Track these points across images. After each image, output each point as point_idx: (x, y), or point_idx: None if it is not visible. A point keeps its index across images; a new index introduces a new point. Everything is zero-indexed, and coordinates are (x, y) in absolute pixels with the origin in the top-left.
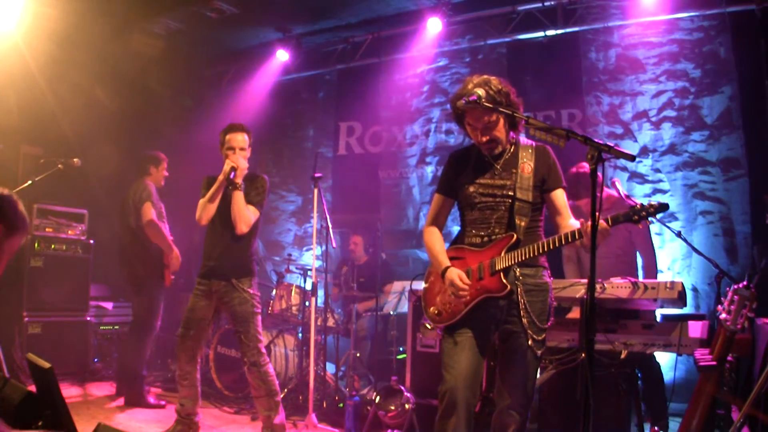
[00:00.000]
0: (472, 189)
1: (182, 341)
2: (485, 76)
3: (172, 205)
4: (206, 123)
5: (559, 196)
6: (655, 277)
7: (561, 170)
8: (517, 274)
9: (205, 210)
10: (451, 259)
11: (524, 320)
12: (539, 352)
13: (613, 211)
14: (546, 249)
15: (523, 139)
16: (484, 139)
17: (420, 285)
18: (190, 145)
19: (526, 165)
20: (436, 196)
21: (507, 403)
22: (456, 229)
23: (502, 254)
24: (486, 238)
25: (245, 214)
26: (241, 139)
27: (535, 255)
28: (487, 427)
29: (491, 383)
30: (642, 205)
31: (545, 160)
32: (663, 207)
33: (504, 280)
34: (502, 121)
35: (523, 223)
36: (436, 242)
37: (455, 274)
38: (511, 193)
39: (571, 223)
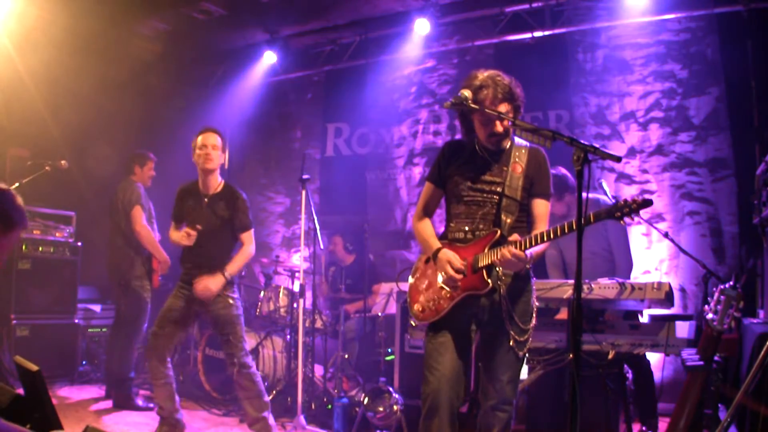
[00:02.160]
0: (460, 182)
1: (154, 339)
2: (493, 71)
3: (162, 206)
4: (194, 124)
5: (539, 205)
6: (629, 277)
7: (550, 178)
8: (500, 274)
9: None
10: None
11: (506, 321)
12: (521, 353)
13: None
14: (528, 245)
15: (517, 139)
16: (501, 129)
17: (407, 283)
18: (178, 146)
19: (518, 165)
20: (426, 184)
21: (491, 403)
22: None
23: (486, 251)
24: (470, 234)
25: (245, 259)
26: (211, 138)
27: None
28: (474, 428)
29: (479, 384)
30: (625, 200)
31: (536, 164)
32: (646, 203)
33: (486, 278)
34: (511, 115)
35: (509, 220)
36: (426, 227)
37: (450, 254)
38: (499, 189)
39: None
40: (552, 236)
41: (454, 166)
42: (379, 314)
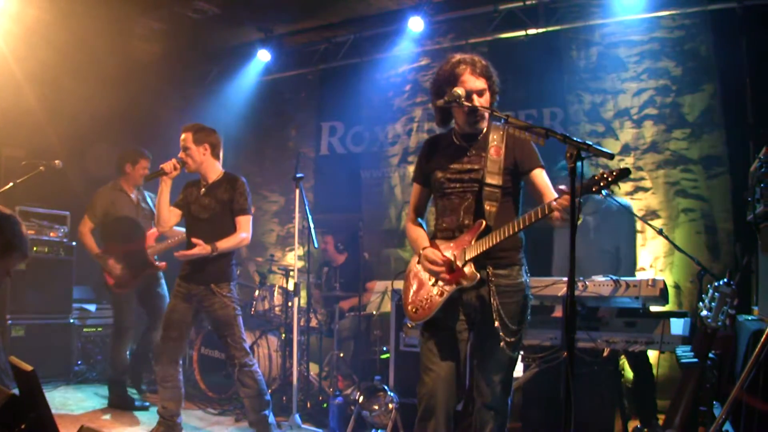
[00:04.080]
0: (440, 175)
1: (163, 343)
2: (471, 55)
3: None
4: (188, 123)
5: (538, 176)
6: (633, 275)
7: (536, 149)
8: (490, 274)
9: (156, 217)
10: None
11: (496, 322)
12: (514, 353)
13: None
14: (516, 230)
15: (495, 123)
16: (479, 103)
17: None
18: (173, 145)
19: (497, 147)
20: (413, 185)
21: (485, 402)
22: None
23: (472, 243)
24: (457, 232)
25: (237, 243)
26: (182, 139)
27: (505, 237)
28: (469, 426)
29: (474, 382)
30: (603, 173)
31: (517, 141)
32: (624, 173)
33: (474, 270)
34: (488, 94)
35: (493, 209)
36: (416, 229)
37: (429, 250)
38: (478, 177)
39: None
40: (541, 215)
41: (433, 160)
42: (374, 313)
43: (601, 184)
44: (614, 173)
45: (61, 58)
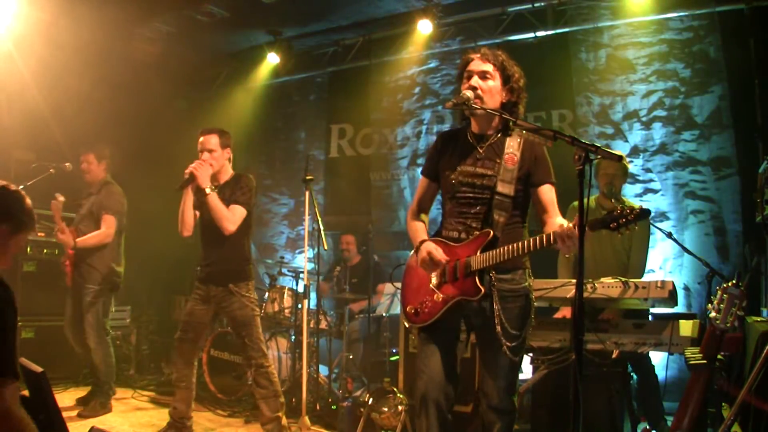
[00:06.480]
0: (452, 176)
1: (180, 345)
2: (498, 51)
3: (164, 208)
4: (198, 126)
5: (546, 192)
6: (640, 277)
7: (550, 164)
8: (493, 279)
9: (180, 221)
10: None
11: (497, 327)
12: (517, 357)
13: None
14: (521, 252)
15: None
16: (479, 85)
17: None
18: (182, 148)
19: (511, 156)
20: (421, 178)
21: (491, 403)
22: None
23: (478, 254)
24: (463, 234)
25: (225, 214)
26: (206, 141)
27: (510, 258)
28: (479, 426)
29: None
30: (622, 209)
31: (532, 152)
32: (644, 213)
33: (479, 284)
34: (500, 82)
35: (501, 219)
36: (418, 225)
37: (432, 245)
38: (491, 184)
39: (556, 221)
40: (545, 243)
41: (445, 158)
42: (384, 315)
43: (620, 221)
44: (634, 213)
45: (69, 61)
